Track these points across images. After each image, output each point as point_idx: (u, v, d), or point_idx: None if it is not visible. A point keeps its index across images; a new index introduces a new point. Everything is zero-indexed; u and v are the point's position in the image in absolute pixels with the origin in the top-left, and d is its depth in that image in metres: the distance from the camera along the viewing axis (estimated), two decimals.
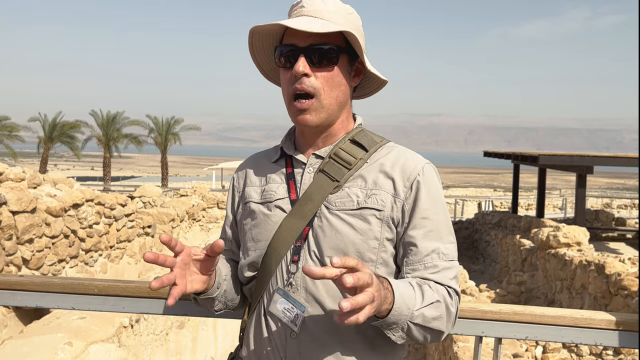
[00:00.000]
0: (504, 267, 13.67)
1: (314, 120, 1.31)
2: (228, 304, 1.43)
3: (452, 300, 1.25)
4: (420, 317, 1.18)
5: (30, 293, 1.83)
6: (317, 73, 1.28)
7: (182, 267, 1.18)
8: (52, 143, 29.26)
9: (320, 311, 1.28)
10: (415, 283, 1.22)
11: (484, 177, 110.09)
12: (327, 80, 1.29)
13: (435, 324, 1.21)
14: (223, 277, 1.37)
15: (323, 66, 1.28)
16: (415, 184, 1.30)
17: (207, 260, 1.20)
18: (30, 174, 6.93)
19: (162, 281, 1.10)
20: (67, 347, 3.28)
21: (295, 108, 1.30)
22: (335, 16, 1.29)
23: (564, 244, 10.39)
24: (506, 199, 27.91)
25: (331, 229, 1.28)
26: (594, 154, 15.30)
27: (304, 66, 1.26)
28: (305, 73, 1.27)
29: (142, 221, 9.57)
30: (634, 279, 7.51)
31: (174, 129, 33.15)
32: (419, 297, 1.19)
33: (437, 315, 1.21)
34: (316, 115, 1.30)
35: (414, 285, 1.21)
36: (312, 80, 1.28)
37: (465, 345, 5.13)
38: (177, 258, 1.17)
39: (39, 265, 6.17)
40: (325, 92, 1.29)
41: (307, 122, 1.31)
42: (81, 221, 7.31)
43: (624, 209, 27.37)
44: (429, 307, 1.19)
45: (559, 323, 1.59)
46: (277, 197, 1.37)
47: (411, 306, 1.16)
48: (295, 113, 1.31)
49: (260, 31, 1.32)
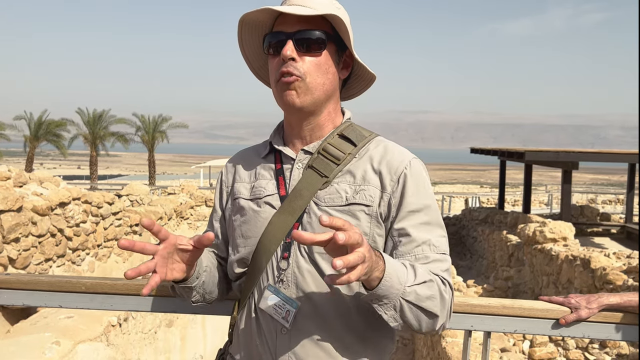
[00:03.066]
0: (491, 262, 13.76)
1: (299, 100, 1.30)
2: (206, 297, 1.40)
3: (445, 287, 1.23)
4: (413, 294, 1.15)
5: (17, 291, 1.81)
6: (305, 57, 1.28)
7: (164, 256, 1.15)
8: (38, 142, 28.99)
9: (311, 307, 1.27)
10: (407, 263, 1.20)
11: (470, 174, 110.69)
12: (314, 65, 1.29)
13: (428, 303, 1.18)
14: (204, 268, 1.35)
15: (310, 51, 1.29)
16: (402, 177, 1.30)
17: (193, 251, 1.18)
18: (16, 172, 6.86)
19: (138, 270, 1.06)
20: (54, 346, 3.25)
21: (282, 83, 1.29)
22: (323, 7, 1.30)
23: (550, 239, 10.48)
24: (493, 195, 28.09)
25: (320, 225, 1.28)
26: (579, 149, 15.42)
27: (292, 50, 1.27)
28: (292, 57, 1.27)
29: (130, 219, 9.51)
30: (619, 273, 7.59)
31: (161, 127, 32.99)
32: (411, 274, 1.16)
33: (430, 294, 1.18)
34: (302, 95, 1.29)
35: (406, 264, 1.19)
36: (299, 64, 1.28)
37: (454, 341, 5.16)
38: (160, 246, 1.14)
39: (25, 265, 6.11)
40: (310, 75, 1.29)
41: (293, 99, 1.29)
42: (68, 220, 7.25)
43: (608, 204, 27.69)
44: (422, 285, 1.16)
45: (548, 316, 1.60)
46: (267, 193, 1.36)
47: (403, 281, 1.13)
48: (281, 89, 1.30)
49: (250, 22, 1.33)
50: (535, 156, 14.93)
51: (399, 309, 1.15)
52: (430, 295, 1.18)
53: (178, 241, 1.16)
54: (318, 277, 1.27)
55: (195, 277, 1.30)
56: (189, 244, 1.16)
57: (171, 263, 1.17)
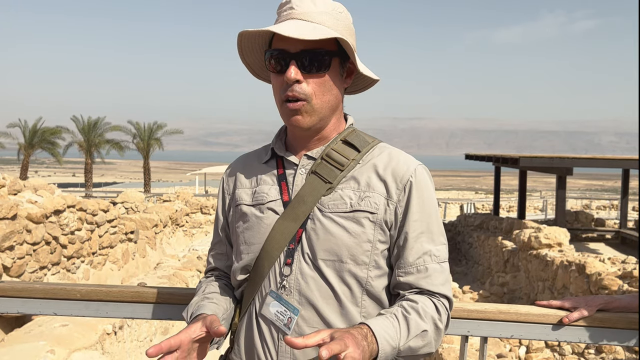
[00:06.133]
0: (486, 268, 13.78)
1: (306, 123, 1.29)
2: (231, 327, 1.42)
3: (440, 317, 1.26)
4: (407, 350, 1.19)
5: (11, 299, 1.80)
6: (309, 79, 1.26)
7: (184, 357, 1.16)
8: (33, 149, 28.91)
9: (314, 314, 1.27)
10: (400, 314, 1.22)
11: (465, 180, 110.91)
12: (318, 85, 1.27)
13: (423, 350, 1.22)
14: (221, 317, 1.33)
15: (314, 72, 1.26)
16: (408, 185, 1.29)
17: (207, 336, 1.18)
18: (10, 180, 6.83)
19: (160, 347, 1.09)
20: (49, 355, 3.23)
21: (288, 109, 1.28)
22: (325, 18, 1.28)
23: (545, 245, 10.51)
24: (488, 201, 28.16)
25: (324, 232, 1.27)
26: (573, 155, 15.50)
27: (296, 73, 1.24)
28: (297, 80, 1.25)
29: (125, 227, 9.48)
30: (614, 278, 7.61)
31: (156, 134, 32.96)
32: (404, 331, 1.19)
33: (424, 344, 1.22)
34: (308, 117, 1.28)
35: (399, 318, 1.21)
36: (303, 86, 1.26)
37: (450, 347, 5.15)
38: (176, 352, 1.14)
39: (20, 273, 6.08)
40: (317, 96, 1.27)
41: (300, 123, 1.29)
42: (63, 227, 7.22)
43: (602, 209, 27.79)
44: (415, 338, 1.20)
45: (544, 321, 1.60)
46: (270, 199, 1.35)
47: (396, 344, 1.17)
48: (288, 114, 1.29)
49: (249, 34, 1.31)
50: (530, 162, 14.99)
51: None
52: (424, 345, 1.22)
53: (192, 337, 1.16)
54: (322, 283, 1.26)
55: None
56: (202, 331, 1.17)
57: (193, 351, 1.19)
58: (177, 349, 1.13)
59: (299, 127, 1.31)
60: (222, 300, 1.39)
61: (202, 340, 1.19)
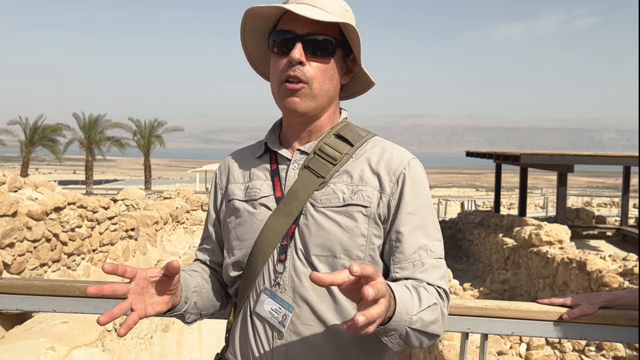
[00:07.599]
0: (487, 265, 13.78)
1: (302, 107, 1.27)
2: (202, 314, 1.38)
3: (443, 302, 1.22)
4: (419, 322, 1.13)
5: (10, 296, 1.79)
6: (312, 62, 1.26)
7: (138, 293, 1.11)
8: (34, 147, 28.92)
9: (309, 311, 1.25)
10: (410, 286, 1.17)
11: (466, 177, 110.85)
12: (321, 71, 1.27)
13: (432, 327, 1.17)
14: (192, 289, 1.31)
15: (319, 56, 1.26)
16: (401, 177, 1.27)
17: (164, 280, 1.14)
18: (10, 177, 6.83)
19: (112, 314, 1.04)
20: (50, 352, 3.23)
21: (286, 88, 1.26)
22: (334, 8, 1.27)
23: (546, 242, 10.50)
24: (488, 199, 28.14)
25: (317, 227, 1.25)
26: (574, 153, 15.49)
27: (300, 53, 1.24)
28: (301, 61, 1.24)
29: (125, 224, 9.47)
30: (614, 275, 7.61)
31: (157, 131, 32.95)
32: (416, 300, 1.14)
33: (434, 318, 1.17)
34: (306, 101, 1.27)
35: (410, 289, 1.16)
36: (306, 68, 1.25)
37: (451, 344, 5.14)
38: (131, 284, 1.10)
39: (20, 270, 6.08)
40: (317, 81, 1.26)
41: (296, 106, 1.27)
42: (63, 224, 7.22)
43: (603, 207, 27.76)
44: (427, 310, 1.15)
45: (545, 318, 1.59)
46: (262, 194, 1.34)
47: (410, 311, 1.10)
48: (285, 94, 1.27)
49: (256, 14, 1.29)
50: (531, 159, 14.99)
51: (405, 336, 1.13)
52: (434, 319, 1.17)
53: (149, 274, 1.12)
54: None
55: (184, 302, 1.27)
56: (159, 273, 1.12)
57: (149, 297, 1.14)
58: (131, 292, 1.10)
59: (294, 111, 1.29)
60: (198, 276, 1.39)
61: (160, 290, 1.15)
